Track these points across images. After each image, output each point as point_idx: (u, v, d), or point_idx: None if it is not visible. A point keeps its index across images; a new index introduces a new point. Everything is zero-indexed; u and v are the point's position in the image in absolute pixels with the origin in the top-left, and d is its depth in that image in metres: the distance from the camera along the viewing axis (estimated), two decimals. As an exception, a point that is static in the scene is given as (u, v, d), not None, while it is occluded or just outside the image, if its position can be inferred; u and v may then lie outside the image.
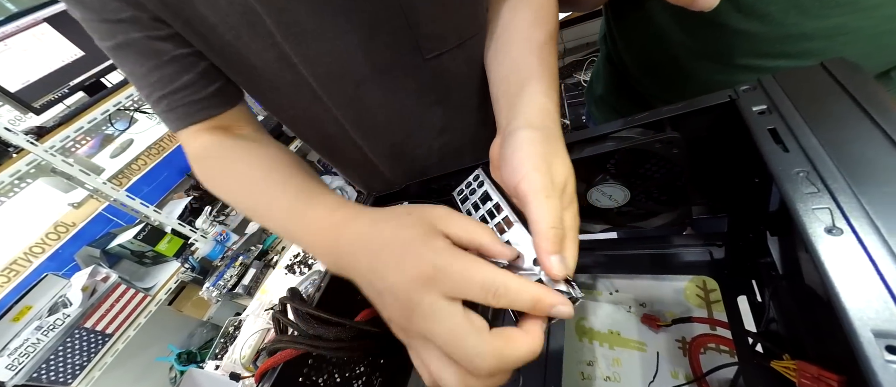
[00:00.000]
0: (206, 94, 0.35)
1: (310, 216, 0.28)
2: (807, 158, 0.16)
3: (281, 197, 0.31)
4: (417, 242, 0.20)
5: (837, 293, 0.13)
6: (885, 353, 0.11)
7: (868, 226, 0.13)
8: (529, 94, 0.26)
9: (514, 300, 0.18)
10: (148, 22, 0.31)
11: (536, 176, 0.20)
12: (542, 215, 0.19)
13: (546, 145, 0.22)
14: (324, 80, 0.36)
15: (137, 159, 1.51)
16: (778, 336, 0.26)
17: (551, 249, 0.18)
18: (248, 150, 0.37)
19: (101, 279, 1.06)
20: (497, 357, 0.17)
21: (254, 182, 0.33)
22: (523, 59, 0.30)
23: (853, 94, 0.17)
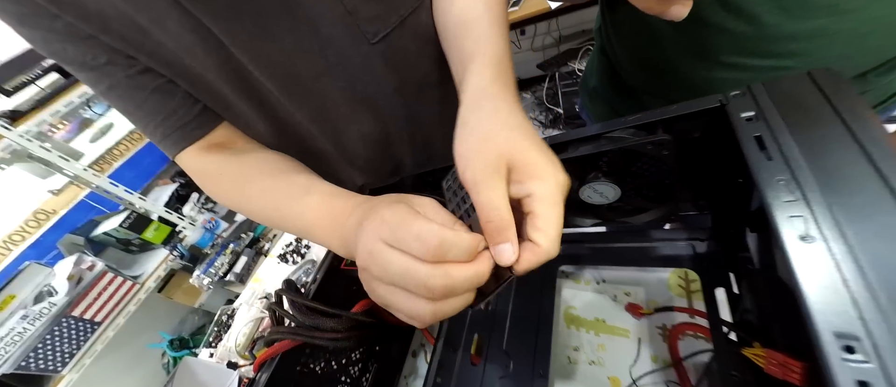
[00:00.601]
0: (194, 114, 0.37)
1: (321, 214, 0.30)
2: (788, 166, 0.17)
3: (289, 200, 0.33)
4: (383, 205, 0.23)
5: (805, 297, 0.14)
6: (843, 352, 0.12)
7: (837, 235, 0.14)
8: (469, 73, 0.27)
9: (453, 250, 0.19)
10: (123, 61, 0.32)
11: (471, 168, 0.21)
12: (479, 208, 0.20)
13: (482, 127, 0.23)
14: (282, 82, 0.36)
15: (119, 144, 1.46)
16: (751, 326, 0.27)
17: (493, 241, 0.20)
18: (249, 160, 0.39)
19: (86, 268, 1.04)
20: (445, 275, 0.19)
21: (263, 190, 0.36)
22: (468, 17, 0.31)
23: (835, 106, 0.17)
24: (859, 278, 0.13)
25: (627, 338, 0.39)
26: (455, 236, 0.19)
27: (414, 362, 0.51)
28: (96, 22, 0.29)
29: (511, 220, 0.20)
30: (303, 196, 0.32)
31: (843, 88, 0.18)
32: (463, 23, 0.32)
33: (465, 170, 0.22)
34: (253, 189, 0.36)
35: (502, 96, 0.24)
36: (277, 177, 0.36)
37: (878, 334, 0.12)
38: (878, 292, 0.13)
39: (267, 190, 0.35)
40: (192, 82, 0.35)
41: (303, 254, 0.83)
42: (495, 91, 0.24)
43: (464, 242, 0.19)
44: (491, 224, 0.20)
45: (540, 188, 0.20)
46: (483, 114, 0.23)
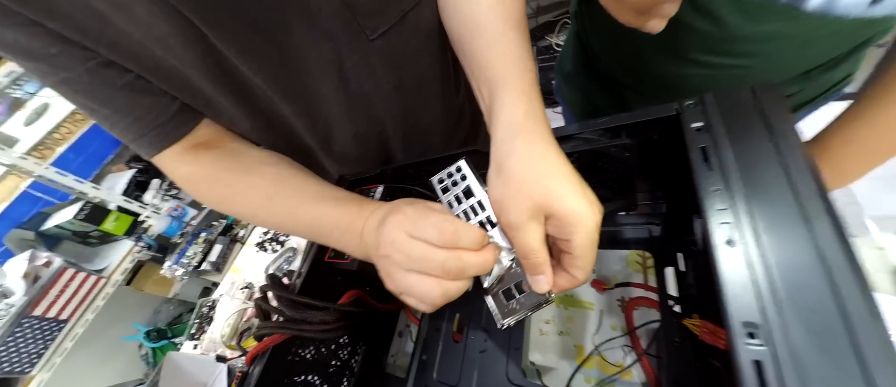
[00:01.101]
0: (171, 113, 0.33)
1: (334, 219, 0.32)
2: (723, 178, 0.20)
3: (302, 206, 0.34)
4: (403, 203, 0.28)
5: (724, 292, 0.17)
6: (747, 337, 0.15)
7: (754, 242, 0.17)
8: (500, 103, 0.26)
9: (465, 238, 0.24)
10: (79, 53, 0.28)
11: (507, 214, 0.24)
12: (518, 249, 0.24)
13: (517, 174, 0.24)
14: (271, 77, 0.33)
15: (59, 127, 1.32)
16: (692, 299, 0.32)
17: (531, 273, 0.24)
18: (245, 163, 0.37)
19: (42, 264, 0.97)
20: (458, 258, 0.23)
21: (269, 196, 0.35)
22: (492, 48, 0.29)
23: (769, 122, 0.20)
24: (765, 278, 0.16)
25: (592, 310, 0.44)
26: (467, 227, 0.24)
27: (400, 341, 0.54)
28: (38, 5, 0.25)
29: (546, 258, 0.23)
30: (316, 203, 0.34)
31: (777, 104, 0.20)
32: (481, 28, 0.30)
33: (502, 214, 0.25)
34: (256, 196, 0.36)
35: (535, 134, 0.24)
36: (282, 182, 0.36)
37: (772, 324, 0.15)
38: (778, 289, 0.16)
39: (274, 196, 0.35)
40: (164, 77, 0.31)
41: (282, 242, 0.82)
42: (529, 127, 0.24)
43: (474, 232, 0.24)
44: (528, 261, 0.23)
45: (578, 236, 0.22)
46: (517, 158, 0.24)
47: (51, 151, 1.29)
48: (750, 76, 0.36)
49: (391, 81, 0.39)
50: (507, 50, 0.28)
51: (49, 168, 1.09)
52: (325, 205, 0.33)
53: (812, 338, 0.14)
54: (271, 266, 0.75)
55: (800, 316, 0.15)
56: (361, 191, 0.45)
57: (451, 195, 0.30)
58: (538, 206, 0.22)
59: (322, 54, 0.33)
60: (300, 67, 0.34)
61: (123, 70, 0.30)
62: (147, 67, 0.30)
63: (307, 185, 0.36)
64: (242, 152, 0.38)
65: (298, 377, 0.41)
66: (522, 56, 0.27)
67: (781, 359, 0.14)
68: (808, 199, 0.17)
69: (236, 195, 0.36)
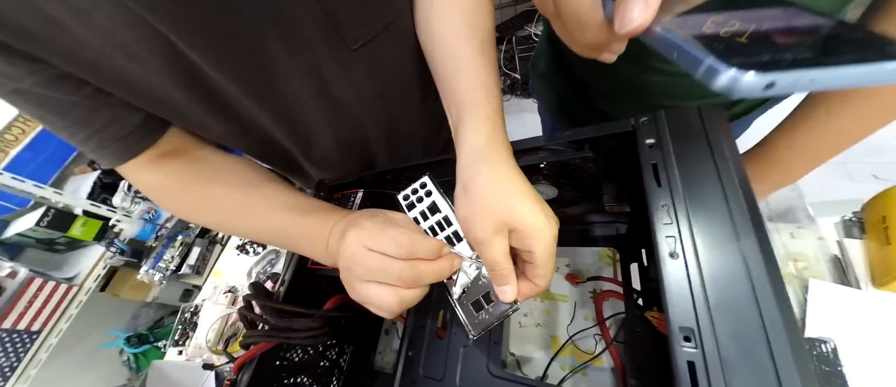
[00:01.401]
0: (135, 125, 0.31)
1: (300, 229, 0.34)
2: (671, 194, 0.21)
3: (269, 217, 0.35)
4: (363, 216, 0.29)
5: (667, 300, 0.19)
6: (683, 341, 0.18)
7: (693, 254, 0.19)
8: (464, 127, 0.28)
9: (420, 249, 0.26)
10: (27, 66, 0.26)
11: (473, 231, 0.26)
12: (485, 262, 0.26)
13: (482, 194, 0.25)
14: (246, 85, 0.32)
15: (10, 127, 1.22)
16: (653, 293, 0.35)
17: (497, 283, 0.26)
18: (213, 172, 0.37)
19: (6, 275, 0.92)
20: (413, 267, 0.26)
21: (236, 206, 0.36)
22: (460, 72, 0.31)
23: (711, 142, 0.22)
24: (700, 288, 0.18)
25: (566, 302, 0.47)
26: (422, 239, 0.26)
27: (387, 339, 0.56)
28: None
29: (511, 269, 0.25)
30: (283, 214, 0.35)
31: (718, 126, 0.22)
32: (450, 52, 0.32)
33: (469, 231, 0.26)
34: (223, 206, 0.36)
35: (497, 157, 0.26)
36: (250, 191, 0.36)
37: (703, 330, 0.17)
38: (710, 298, 0.18)
39: (242, 205, 0.36)
40: (126, 87, 0.29)
41: (263, 245, 0.81)
42: (491, 151, 0.27)
43: (429, 244, 0.26)
44: (495, 273, 0.26)
45: (538, 247, 0.24)
46: (481, 179, 0.26)
47: (4, 154, 1.20)
48: (705, 87, 0.38)
49: (374, 90, 0.39)
50: (475, 76, 0.30)
51: (3, 174, 1.02)
52: (291, 215, 0.34)
53: (736, 343, 0.17)
54: (254, 269, 0.74)
55: (727, 323, 0.17)
56: (341, 196, 0.45)
57: (417, 211, 0.31)
58: (502, 222, 0.25)
59: (301, 64, 0.33)
60: (278, 76, 0.33)
61: (80, 82, 0.28)
62: (107, 78, 0.28)
63: (274, 194, 0.36)
64: (209, 161, 0.37)
65: (288, 380, 0.42)
66: (488, 82, 0.30)
67: (710, 361, 0.17)
68: (740, 217, 0.19)
69: (203, 206, 0.37)
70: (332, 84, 0.36)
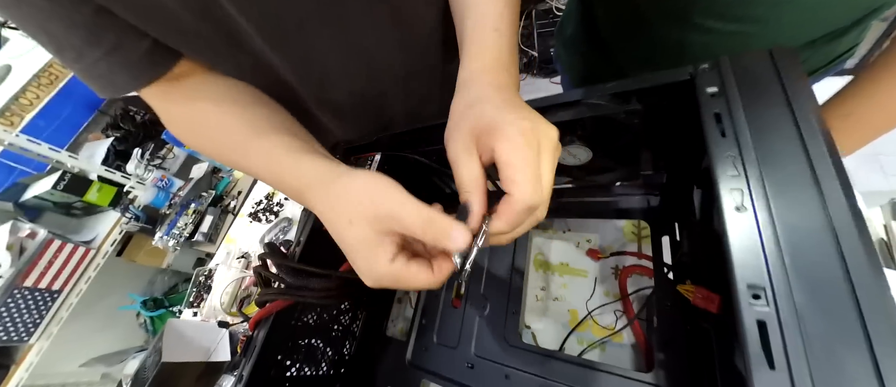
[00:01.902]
0: (143, 50, 0.29)
1: (288, 174, 0.30)
2: (737, 143, 0.19)
3: (268, 154, 0.31)
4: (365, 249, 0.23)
5: (731, 255, 0.17)
6: (751, 299, 0.16)
7: (764, 207, 0.17)
8: (471, 51, 0.27)
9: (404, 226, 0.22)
10: None
11: (448, 151, 0.23)
12: (457, 184, 0.22)
13: (458, 110, 0.23)
14: (259, 21, 0.30)
15: (25, 91, 1.23)
16: (685, 266, 0.33)
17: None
18: (219, 103, 0.33)
19: (26, 236, 0.95)
20: (394, 278, 0.22)
21: (236, 140, 0.33)
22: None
23: (786, 88, 0.19)
24: (773, 243, 0.16)
25: (586, 278, 0.46)
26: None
27: (399, 307, 0.55)
28: None
29: (477, 193, 0.22)
30: (286, 158, 0.30)
31: (794, 70, 0.20)
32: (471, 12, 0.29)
33: (447, 151, 0.24)
34: (246, 148, 0.33)
35: (489, 80, 0.24)
36: (265, 137, 0.32)
37: (777, 287, 0.15)
38: (785, 254, 0.16)
39: (256, 151, 0.32)
40: (133, 6, 0.27)
41: (275, 212, 0.81)
42: (485, 76, 0.24)
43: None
44: (466, 194, 0.22)
45: (501, 144, 0.20)
46: (463, 96, 0.24)
47: (19, 118, 1.21)
48: (751, 44, 0.35)
49: (395, 36, 0.37)
50: (487, 11, 0.28)
51: (19, 136, 1.03)
52: (283, 156, 0.30)
53: (816, 301, 0.15)
54: (267, 236, 0.74)
55: (805, 279, 0.15)
56: (358, 159, 0.44)
57: None
58: (469, 132, 0.22)
59: (320, 1, 0.31)
60: (295, 10, 0.30)
61: (74, 3, 0.26)
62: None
63: (276, 133, 0.33)
64: (210, 85, 0.34)
65: (302, 341, 0.42)
66: (498, 13, 0.27)
67: (784, 320, 0.15)
68: (821, 166, 0.17)
69: (219, 145, 0.34)
70: (353, 25, 0.34)
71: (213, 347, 0.59)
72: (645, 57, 0.44)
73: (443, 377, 0.43)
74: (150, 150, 1.31)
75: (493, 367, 0.41)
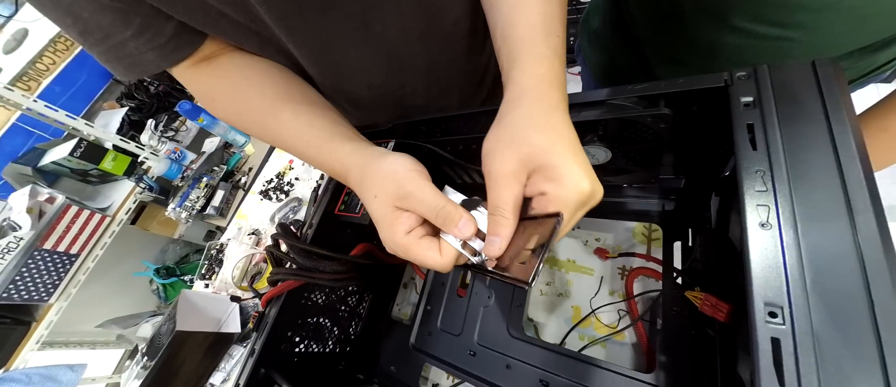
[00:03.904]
0: (170, 33, 0.30)
1: (330, 158, 0.32)
2: (768, 159, 0.19)
3: (305, 133, 0.33)
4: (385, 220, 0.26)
5: (750, 271, 0.17)
6: (767, 316, 0.16)
7: (791, 227, 0.17)
8: (515, 71, 0.25)
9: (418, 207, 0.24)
10: None
11: (490, 164, 0.23)
12: (488, 202, 0.23)
13: (512, 125, 0.22)
14: (278, 6, 0.29)
15: (41, 56, 1.23)
16: (696, 273, 0.33)
17: (491, 233, 0.23)
18: (251, 78, 0.35)
19: (44, 200, 0.97)
20: (405, 249, 0.25)
21: (272, 115, 0.34)
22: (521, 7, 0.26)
23: (826, 105, 0.19)
24: (797, 263, 0.16)
25: (592, 276, 0.46)
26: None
27: (405, 292, 0.57)
28: None
29: (513, 221, 0.22)
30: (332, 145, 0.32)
31: (837, 86, 0.19)
32: (513, 22, 0.26)
33: (486, 163, 0.23)
34: (274, 122, 0.34)
35: (545, 97, 0.23)
36: (299, 112, 0.34)
37: (795, 307, 0.15)
38: (807, 275, 0.16)
39: (289, 125, 0.34)
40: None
41: (286, 192, 0.82)
42: (540, 92, 0.23)
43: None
44: (493, 218, 0.23)
45: (556, 194, 0.21)
46: (518, 114, 0.23)
47: (36, 83, 1.22)
48: (792, 51, 0.33)
49: (419, 29, 0.36)
50: (537, 10, 0.25)
51: (37, 101, 1.04)
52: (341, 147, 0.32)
53: (834, 324, 0.15)
54: (277, 215, 0.76)
55: (825, 302, 0.15)
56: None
57: None
58: (526, 159, 0.21)
59: None
60: (314, 4, 0.30)
61: None
62: None
63: (320, 120, 0.34)
64: (241, 64, 0.35)
65: (310, 319, 0.44)
66: (551, 16, 0.25)
67: (799, 339, 0.15)
68: (856, 191, 0.16)
69: (250, 116, 0.35)
70: (375, 17, 0.33)
71: (223, 318, 0.61)
72: (674, 56, 0.43)
73: (445, 362, 0.44)
74: (163, 121, 1.32)
75: (495, 356, 0.42)
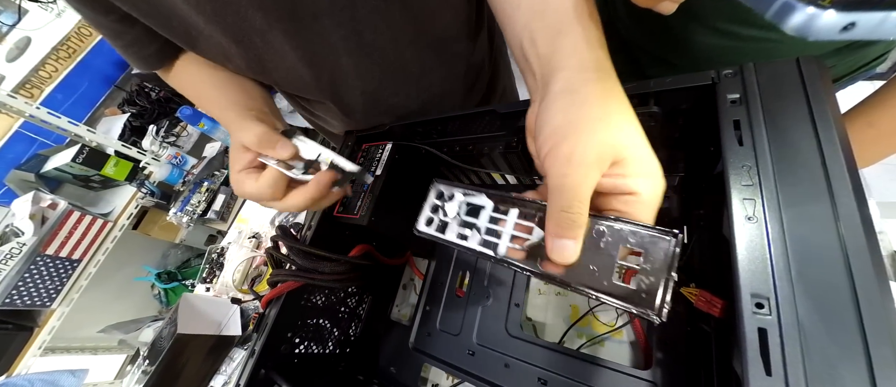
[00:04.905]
0: (153, 50, 0.36)
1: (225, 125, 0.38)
2: (754, 154, 0.19)
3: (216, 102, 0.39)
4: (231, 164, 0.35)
5: (737, 264, 0.17)
6: (754, 307, 0.16)
7: (776, 220, 0.17)
8: (567, 46, 0.21)
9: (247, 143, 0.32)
10: None
11: (572, 144, 0.18)
12: (562, 191, 0.18)
13: (585, 108, 0.19)
14: (272, 13, 0.31)
15: (44, 64, 1.25)
16: (691, 270, 0.33)
17: (553, 233, 0.18)
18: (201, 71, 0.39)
19: (47, 206, 0.98)
20: (235, 182, 0.33)
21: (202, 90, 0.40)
22: None
23: (810, 101, 0.19)
24: (782, 255, 0.17)
25: (590, 274, 0.46)
26: None
27: (404, 293, 0.57)
28: None
29: (585, 221, 0.18)
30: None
31: (821, 83, 0.19)
32: (542, 12, 0.23)
33: (561, 142, 0.18)
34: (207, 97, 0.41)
35: (613, 74, 0.20)
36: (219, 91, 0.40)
37: (781, 298, 0.16)
38: (792, 266, 0.16)
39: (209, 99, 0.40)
40: (152, 10, 0.31)
41: (286, 195, 0.82)
42: (608, 68, 0.20)
43: None
44: (565, 216, 0.18)
45: (646, 188, 0.18)
46: (598, 88, 0.19)
47: (39, 90, 1.24)
48: (778, 51, 0.34)
49: (408, 34, 0.37)
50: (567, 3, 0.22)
51: (40, 108, 1.05)
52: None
53: (819, 313, 0.15)
54: (277, 218, 0.76)
55: (810, 292, 0.15)
56: (369, 147, 0.44)
57: (454, 230, 0.24)
58: (612, 145, 0.18)
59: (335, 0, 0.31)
60: (308, 10, 0.31)
61: (109, 7, 0.31)
62: (133, 2, 0.30)
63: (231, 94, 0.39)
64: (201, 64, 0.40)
65: (310, 320, 0.44)
66: (584, 7, 0.22)
67: (785, 329, 0.15)
68: (839, 184, 0.17)
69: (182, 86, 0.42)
70: (365, 26, 0.34)
71: (224, 321, 0.61)
72: (663, 58, 0.43)
73: (444, 363, 0.44)
74: (164, 127, 1.33)
75: (494, 355, 0.42)
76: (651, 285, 0.17)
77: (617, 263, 0.18)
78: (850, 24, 0.09)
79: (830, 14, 0.09)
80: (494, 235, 0.22)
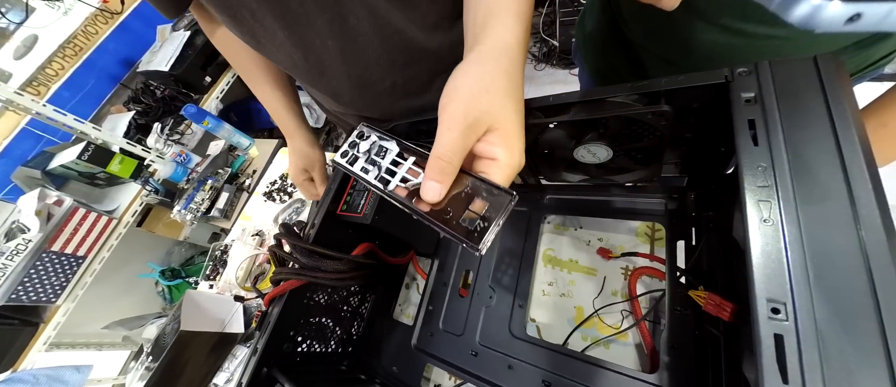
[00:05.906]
0: None
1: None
2: (770, 154, 0.19)
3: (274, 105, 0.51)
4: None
5: (752, 267, 0.17)
6: (770, 312, 0.16)
7: (793, 223, 0.17)
8: (490, 26, 0.26)
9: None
10: None
11: (455, 109, 0.22)
12: (439, 143, 0.22)
13: (479, 80, 0.23)
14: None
15: (51, 62, 1.26)
16: (700, 272, 0.33)
17: (427, 175, 0.22)
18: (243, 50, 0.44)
19: (52, 203, 0.99)
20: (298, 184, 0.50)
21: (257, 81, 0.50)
22: None
23: (828, 100, 0.18)
24: (800, 258, 0.16)
25: (594, 276, 0.46)
26: None
27: (407, 292, 0.57)
28: None
29: (456, 170, 0.22)
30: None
31: (839, 80, 0.19)
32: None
33: (448, 104, 0.23)
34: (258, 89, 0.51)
35: (517, 62, 0.24)
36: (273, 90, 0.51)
37: (799, 303, 0.15)
38: (810, 270, 0.16)
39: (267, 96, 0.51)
40: None
41: (289, 193, 0.82)
42: (513, 55, 0.24)
43: None
44: (439, 163, 0.22)
45: (505, 158, 0.22)
46: (497, 67, 0.23)
47: (46, 88, 1.25)
48: (784, 50, 0.33)
49: (393, 22, 0.37)
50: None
51: (46, 106, 1.06)
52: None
53: (838, 319, 0.15)
54: (280, 216, 0.76)
55: (829, 298, 0.15)
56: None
57: (360, 165, 0.29)
58: (487, 114, 0.22)
59: None
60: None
61: None
62: None
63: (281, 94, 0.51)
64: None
65: (313, 319, 0.44)
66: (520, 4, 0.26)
67: (803, 335, 0.15)
68: (859, 185, 0.16)
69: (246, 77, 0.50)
70: (348, 11, 0.34)
71: (227, 319, 0.62)
72: (668, 58, 0.42)
73: (447, 363, 0.44)
74: (169, 125, 1.34)
75: (497, 356, 0.42)
76: (483, 228, 0.22)
77: (467, 209, 0.23)
78: (856, 14, 0.09)
79: (836, 4, 0.09)
80: (390, 175, 0.27)
